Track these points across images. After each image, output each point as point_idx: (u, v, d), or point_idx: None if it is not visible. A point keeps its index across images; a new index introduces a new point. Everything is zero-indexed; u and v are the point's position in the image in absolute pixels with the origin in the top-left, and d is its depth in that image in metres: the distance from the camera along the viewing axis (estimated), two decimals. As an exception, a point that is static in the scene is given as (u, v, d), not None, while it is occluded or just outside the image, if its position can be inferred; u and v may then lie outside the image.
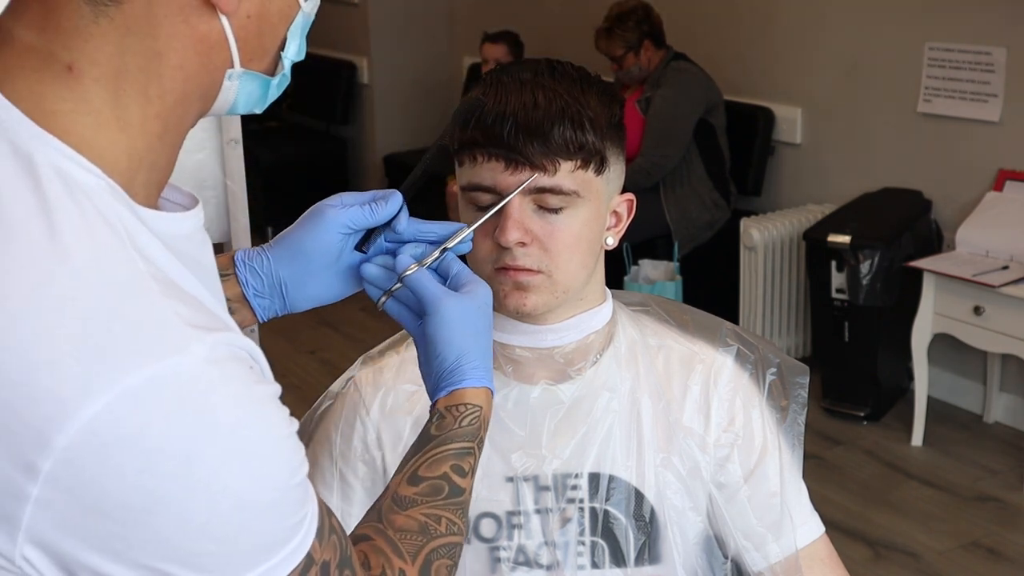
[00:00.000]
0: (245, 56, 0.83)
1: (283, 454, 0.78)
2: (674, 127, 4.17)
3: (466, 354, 1.06)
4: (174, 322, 0.73)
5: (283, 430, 0.79)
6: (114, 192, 0.77)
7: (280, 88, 0.90)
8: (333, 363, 4.45)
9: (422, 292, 1.08)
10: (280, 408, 0.80)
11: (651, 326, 1.36)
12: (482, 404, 1.06)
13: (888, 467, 3.62)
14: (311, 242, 1.11)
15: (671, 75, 4.20)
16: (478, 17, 5.79)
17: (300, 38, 0.88)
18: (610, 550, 1.27)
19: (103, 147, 0.77)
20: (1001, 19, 3.66)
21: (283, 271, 1.12)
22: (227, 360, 0.75)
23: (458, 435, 1.03)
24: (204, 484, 0.73)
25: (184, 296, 0.76)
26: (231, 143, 2.02)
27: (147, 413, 0.70)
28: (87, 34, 0.76)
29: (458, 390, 1.06)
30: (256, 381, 0.78)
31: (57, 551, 0.72)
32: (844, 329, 3.78)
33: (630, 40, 4.18)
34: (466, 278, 1.10)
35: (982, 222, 3.62)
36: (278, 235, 1.14)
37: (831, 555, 1.33)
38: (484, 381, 1.06)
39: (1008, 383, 3.83)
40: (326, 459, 1.32)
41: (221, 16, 0.80)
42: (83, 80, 0.76)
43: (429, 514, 0.99)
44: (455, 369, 1.06)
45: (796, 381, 1.34)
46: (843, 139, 4.24)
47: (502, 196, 1.18)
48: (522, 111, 1.16)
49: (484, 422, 1.06)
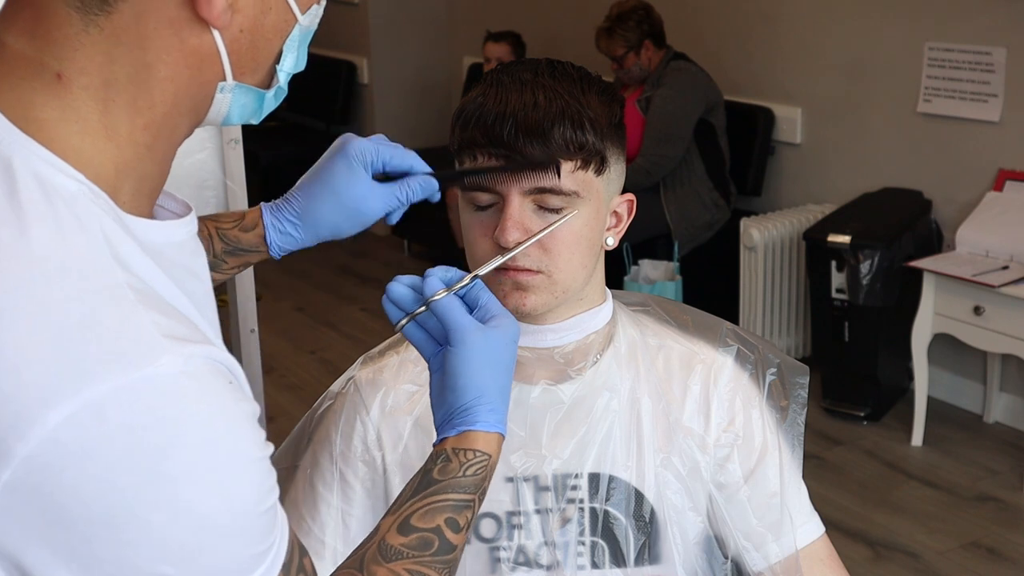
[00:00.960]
0: (238, 70, 0.82)
1: (252, 477, 0.75)
2: (674, 127, 4.17)
3: (485, 394, 1.01)
4: (149, 332, 0.71)
5: (255, 452, 0.76)
6: (97, 199, 0.76)
7: (277, 101, 0.89)
8: (333, 363, 4.45)
9: (449, 321, 1.03)
10: (255, 429, 0.77)
11: (651, 326, 1.36)
12: (492, 453, 1.01)
13: (888, 467, 3.62)
14: (347, 196, 1.15)
15: (671, 75, 4.20)
16: (478, 17, 5.79)
17: (298, 51, 0.86)
18: (610, 550, 1.27)
19: (89, 155, 0.76)
20: (1001, 19, 3.66)
21: (304, 202, 1.17)
22: (204, 374, 0.73)
23: (460, 485, 0.99)
24: (166, 499, 0.70)
25: (164, 307, 0.74)
26: (231, 143, 2.02)
27: (113, 424, 0.68)
28: (76, 43, 0.76)
29: (471, 432, 1.01)
30: (233, 398, 0.75)
31: (17, 559, 0.70)
32: (844, 329, 3.78)
33: (631, 40, 4.18)
34: (495, 310, 1.06)
35: (982, 222, 3.62)
36: (305, 187, 1.19)
37: (831, 555, 1.33)
38: (498, 427, 1.02)
39: (1008, 383, 3.83)
40: (326, 459, 1.31)
41: (212, 30, 0.79)
42: (71, 89, 0.76)
43: (413, 570, 0.95)
44: (471, 408, 1.01)
45: (796, 381, 1.34)
46: (843, 139, 4.24)
47: (502, 197, 1.18)
48: (522, 111, 1.16)
49: (490, 472, 1.01)
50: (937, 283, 3.53)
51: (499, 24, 5.14)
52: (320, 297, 5.37)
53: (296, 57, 0.87)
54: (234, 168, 2.03)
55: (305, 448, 1.34)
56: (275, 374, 4.33)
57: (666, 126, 4.16)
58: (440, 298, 1.04)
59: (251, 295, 2.15)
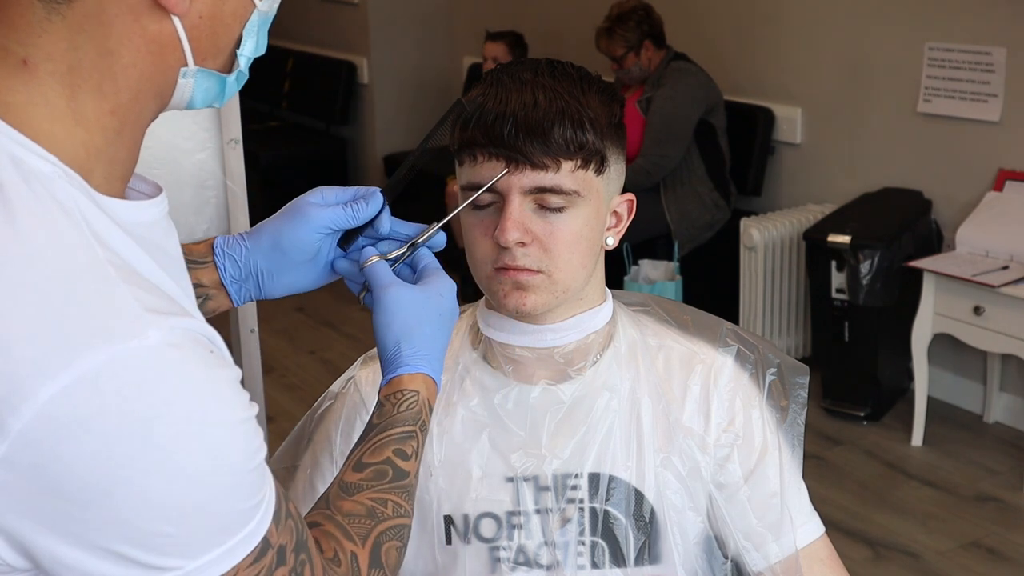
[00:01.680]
0: (199, 55, 0.85)
1: (240, 437, 0.79)
2: (675, 127, 4.17)
3: (404, 341, 1.07)
4: (132, 306, 0.73)
5: (241, 413, 0.79)
6: (71, 180, 0.78)
7: (239, 84, 0.91)
8: (333, 363, 4.46)
9: (372, 282, 1.10)
10: (239, 392, 0.80)
11: (651, 326, 1.36)
12: (419, 389, 1.06)
13: (888, 467, 3.62)
14: (290, 238, 1.11)
15: (671, 75, 4.20)
16: (478, 17, 5.79)
17: (257, 35, 0.89)
18: (610, 550, 1.27)
19: (60, 138, 0.78)
20: (1001, 19, 3.66)
21: (260, 261, 1.12)
22: (186, 343, 0.75)
23: (398, 420, 1.04)
24: (161, 465, 0.73)
25: (143, 282, 0.76)
26: (231, 143, 2.02)
27: (104, 395, 0.71)
28: (40, 30, 0.78)
29: (395, 377, 1.07)
30: (216, 364, 0.78)
31: (15, 534, 0.72)
32: (844, 329, 3.78)
33: (631, 40, 4.18)
34: (430, 272, 1.12)
35: (982, 222, 3.62)
36: (259, 224, 1.15)
37: (831, 555, 1.33)
38: (421, 368, 1.07)
39: (1008, 383, 3.83)
40: (326, 459, 1.32)
41: (173, 16, 0.81)
42: (38, 74, 0.78)
43: (375, 498, 1.00)
44: (393, 357, 1.07)
45: (796, 381, 1.34)
46: (843, 139, 4.24)
47: (502, 196, 1.18)
48: (522, 111, 1.16)
49: (425, 406, 1.06)
50: (937, 283, 3.53)
51: (499, 24, 5.13)
52: (320, 297, 5.35)
53: (256, 42, 0.89)
54: (234, 168, 2.03)
55: (305, 448, 1.35)
56: (275, 374, 4.33)
57: (666, 126, 4.16)
58: (370, 264, 1.10)
59: (251, 295, 2.14)
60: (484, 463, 1.27)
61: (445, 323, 1.10)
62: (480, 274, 1.23)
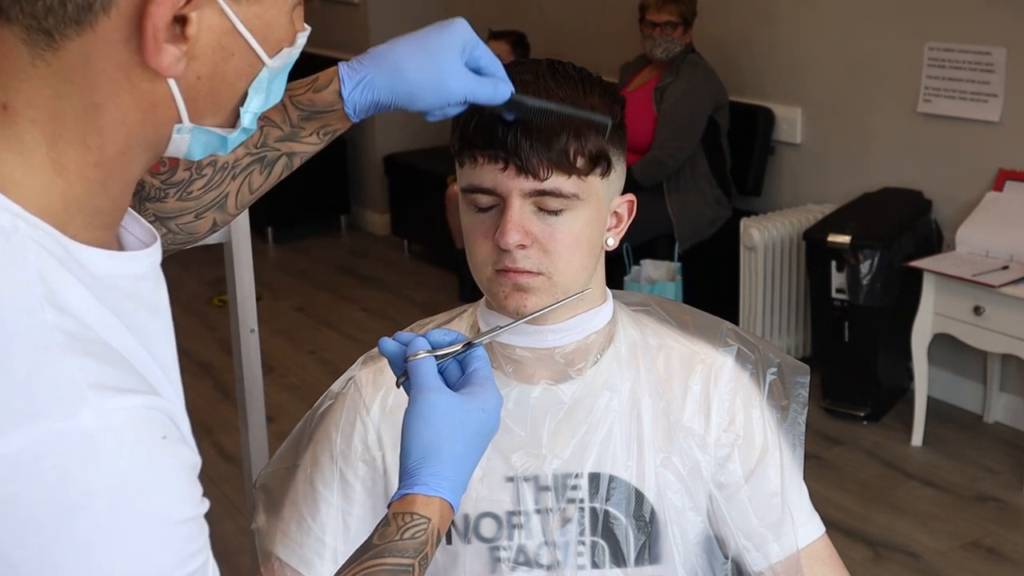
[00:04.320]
0: (195, 114, 0.78)
1: (173, 540, 0.72)
2: (690, 120, 4.22)
3: (430, 456, 0.98)
4: (70, 381, 0.68)
5: (182, 512, 0.73)
6: (37, 232, 0.73)
7: (242, 138, 0.85)
8: (333, 363, 4.45)
9: (413, 379, 1.03)
10: (189, 484, 0.74)
11: (651, 326, 1.36)
12: (431, 516, 0.97)
13: (888, 467, 3.62)
14: (420, 103, 1.09)
15: (688, 67, 4.25)
16: (478, 17, 5.78)
17: (267, 91, 0.83)
18: (610, 550, 1.27)
19: (34, 188, 0.74)
20: (1001, 19, 3.66)
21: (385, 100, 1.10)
22: (130, 427, 0.70)
23: (397, 548, 0.95)
24: (77, 560, 0.68)
25: (101, 351, 0.71)
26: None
27: (23, 479, 0.66)
28: (23, 75, 0.73)
29: (409, 496, 0.98)
30: (164, 452, 0.72)
31: None
32: (844, 329, 3.78)
33: (688, 14, 4.27)
34: (478, 380, 1.04)
35: (982, 222, 3.62)
36: (397, 67, 1.09)
37: (831, 555, 1.33)
38: (441, 491, 0.98)
39: (1008, 383, 3.83)
40: (326, 459, 1.32)
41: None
42: (18, 120, 0.74)
43: None
44: (414, 471, 0.98)
45: (796, 381, 1.34)
46: (843, 139, 4.24)
47: (502, 199, 1.18)
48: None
49: (433, 536, 0.97)
50: (937, 283, 3.53)
51: (500, 24, 5.13)
52: (320, 297, 5.37)
53: (265, 97, 0.83)
54: (234, 168, 2.02)
55: (305, 448, 1.35)
56: (275, 374, 4.33)
57: (682, 119, 4.20)
58: (416, 359, 1.04)
59: (251, 295, 2.15)
60: (484, 463, 1.26)
61: (481, 441, 1.02)
62: (481, 276, 1.23)
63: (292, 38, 0.83)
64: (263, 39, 0.79)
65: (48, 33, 0.72)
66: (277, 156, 1.11)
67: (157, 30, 0.72)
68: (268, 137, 1.10)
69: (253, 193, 1.12)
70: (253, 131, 0.85)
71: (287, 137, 1.11)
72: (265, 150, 1.10)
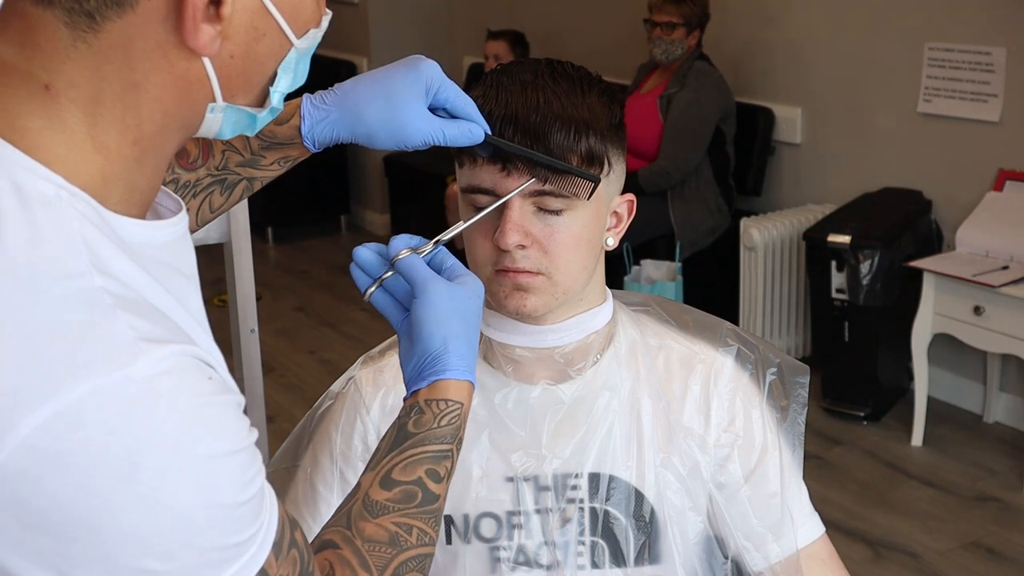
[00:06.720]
0: (228, 92, 0.82)
1: (232, 469, 0.76)
2: (698, 130, 4.18)
3: (452, 341, 1.02)
4: (124, 335, 0.71)
5: (234, 444, 0.76)
6: (78, 202, 0.76)
7: (271, 117, 0.89)
8: (333, 363, 4.46)
9: (412, 275, 1.05)
10: (237, 419, 0.78)
11: (651, 326, 1.36)
12: (463, 401, 1.02)
13: (888, 467, 3.62)
14: (383, 142, 1.08)
15: (695, 75, 4.20)
16: (478, 17, 5.79)
17: (295, 71, 0.86)
18: (610, 550, 1.27)
19: (75, 164, 0.77)
20: (1001, 19, 3.66)
21: (346, 137, 1.11)
22: (181, 370, 0.73)
23: (436, 436, 0.99)
24: (145, 500, 0.71)
25: (144, 309, 0.75)
26: (231, 143, 2.02)
27: (88, 428, 0.69)
28: (65, 56, 0.76)
29: (441, 381, 1.01)
30: (213, 392, 0.76)
31: (3, 565, 0.71)
32: (844, 329, 3.78)
33: (691, 16, 4.20)
34: (459, 271, 1.08)
35: (982, 222, 3.62)
36: (356, 108, 1.09)
37: (831, 555, 1.33)
38: (467, 375, 1.02)
39: (1008, 383, 3.83)
40: (326, 459, 1.32)
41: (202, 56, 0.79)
42: (59, 100, 0.76)
43: (400, 523, 0.96)
44: (440, 356, 1.02)
45: (796, 381, 1.34)
46: (843, 139, 4.24)
47: (501, 199, 1.18)
48: (523, 114, 1.16)
49: (464, 420, 1.02)
50: (937, 283, 3.53)
51: (499, 24, 5.13)
52: (320, 297, 5.37)
53: (293, 77, 0.86)
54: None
55: (305, 448, 1.35)
56: (275, 374, 4.33)
57: (690, 129, 4.17)
58: (404, 257, 1.06)
59: (251, 295, 2.15)
60: (484, 463, 1.27)
61: (479, 328, 1.06)
62: (481, 276, 1.22)
63: (318, 19, 0.86)
64: (292, 20, 0.83)
65: (89, 15, 0.75)
66: (237, 180, 1.15)
67: (196, 9, 0.75)
68: (229, 161, 1.13)
69: (214, 212, 1.15)
70: (280, 111, 0.89)
71: (247, 163, 1.14)
72: (226, 173, 1.14)
